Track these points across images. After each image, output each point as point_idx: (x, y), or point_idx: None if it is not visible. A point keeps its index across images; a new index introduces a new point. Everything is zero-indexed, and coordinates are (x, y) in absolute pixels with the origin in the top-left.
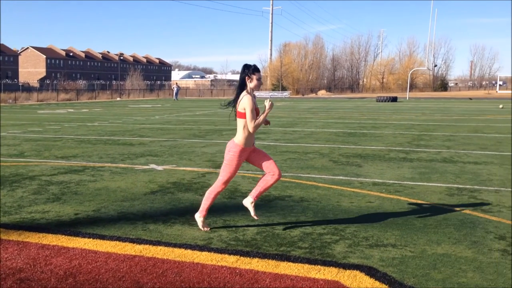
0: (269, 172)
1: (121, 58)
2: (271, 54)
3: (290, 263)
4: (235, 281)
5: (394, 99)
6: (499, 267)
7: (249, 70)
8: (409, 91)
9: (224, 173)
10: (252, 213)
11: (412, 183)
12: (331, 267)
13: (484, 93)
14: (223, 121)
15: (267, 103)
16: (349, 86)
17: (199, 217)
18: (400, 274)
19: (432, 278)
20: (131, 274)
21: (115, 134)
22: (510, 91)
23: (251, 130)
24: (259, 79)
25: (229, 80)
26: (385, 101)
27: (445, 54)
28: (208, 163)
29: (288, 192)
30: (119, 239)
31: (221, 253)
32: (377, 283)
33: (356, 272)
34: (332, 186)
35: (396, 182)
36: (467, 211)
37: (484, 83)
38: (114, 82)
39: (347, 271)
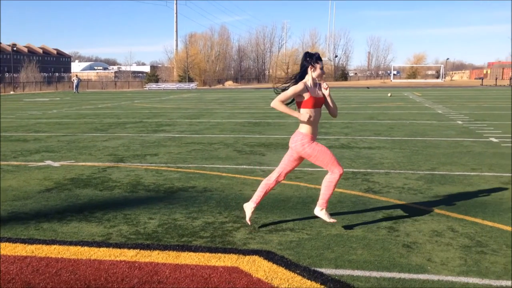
0: (280, 175)
1: (14, 49)
2: (176, 45)
3: (191, 253)
4: (134, 274)
5: None
6: (385, 243)
7: (312, 58)
8: None
9: (326, 161)
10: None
11: (312, 169)
12: (231, 254)
13: (380, 82)
14: (127, 113)
15: (305, 114)
16: (255, 76)
17: (320, 210)
18: (296, 256)
19: (326, 258)
20: (21, 276)
21: (7, 130)
22: (403, 80)
23: (271, 104)
24: (322, 68)
25: (134, 72)
26: None
27: (345, 45)
28: (110, 157)
29: (192, 183)
30: (9, 240)
31: (120, 248)
32: (274, 266)
33: (255, 257)
34: (236, 175)
35: (297, 169)
36: (360, 193)
37: (380, 72)
38: (7, 75)
39: (247, 256)
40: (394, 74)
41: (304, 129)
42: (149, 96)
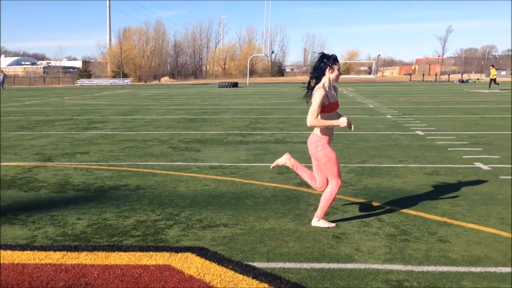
0: (318, 183)
1: None
2: (110, 40)
3: (121, 253)
4: (60, 277)
5: (235, 85)
6: (316, 235)
7: (329, 60)
8: (249, 77)
9: (330, 170)
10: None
11: (246, 164)
12: (163, 252)
13: None
14: (56, 111)
15: (343, 119)
16: (192, 72)
17: (317, 221)
18: (229, 251)
19: (258, 252)
20: None
21: None
22: None
23: (308, 123)
24: (339, 69)
25: (64, 67)
26: (226, 87)
27: (281, 41)
28: (37, 157)
29: (124, 181)
30: None
31: (45, 250)
32: (207, 262)
33: (188, 254)
34: (170, 172)
35: (232, 164)
36: (294, 187)
37: None
38: None
39: (179, 254)
40: None
41: (321, 131)
42: (81, 92)
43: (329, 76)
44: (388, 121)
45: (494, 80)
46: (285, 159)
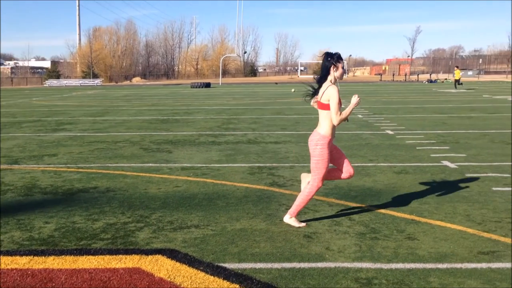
0: (345, 171)
1: None
2: (79, 39)
3: (90, 256)
4: (26, 283)
5: (208, 85)
6: (287, 234)
7: (333, 58)
8: (222, 77)
9: (318, 170)
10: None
11: (218, 165)
12: (133, 255)
13: (288, 78)
14: (24, 112)
15: (354, 99)
16: (164, 72)
17: (289, 218)
18: (200, 252)
19: (229, 252)
20: None
21: None
22: (310, 76)
23: (335, 123)
24: (343, 68)
25: (32, 67)
26: (199, 87)
27: (254, 41)
28: (3, 159)
29: (94, 184)
30: None
31: (11, 255)
32: (177, 264)
33: (158, 257)
34: (141, 174)
35: (204, 165)
36: (265, 187)
37: (288, 68)
38: None
39: (149, 256)
40: (301, 70)
41: (324, 130)
42: (50, 93)
43: (334, 74)
44: (359, 120)
45: (458, 80)
46: (305, 178)
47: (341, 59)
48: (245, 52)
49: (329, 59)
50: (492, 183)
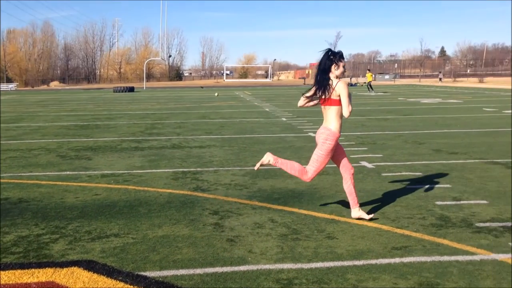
0: (345, 171)
1: None
2: None
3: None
4: None
5: (131, 89)
6: (210, 239)
7: (335, 57)
8: (146, 81)
9: (318, 164)
10: (366, 216)
11: (141, 171)
12: (46, 268)
13: (214, 82)
14: None
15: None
16: (85, 76)
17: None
18: (120, 262)
19: (150, 260)
20: None
21: None
22: (235, 80)
23: (347, 115)
24: (344, 66)
25: None
26: (122, 92)
27: (179, 45)
28: None
29: (4, 195)
30: None
31: None
32: (95, 276)
33: (74, 269)
34: (57, 183)
35: (125, 172)
36: (189, 192)
37: (214, 72)
38: None
39: (64, 269)
40: (227, 74)
41: (335, 126)
42: None
43: (335, 72)
44: (283, 123)
45: (369, 83)
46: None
47: (343, 57)
48: (170, 56)
49: (331, 57)
50: (405, 181)
